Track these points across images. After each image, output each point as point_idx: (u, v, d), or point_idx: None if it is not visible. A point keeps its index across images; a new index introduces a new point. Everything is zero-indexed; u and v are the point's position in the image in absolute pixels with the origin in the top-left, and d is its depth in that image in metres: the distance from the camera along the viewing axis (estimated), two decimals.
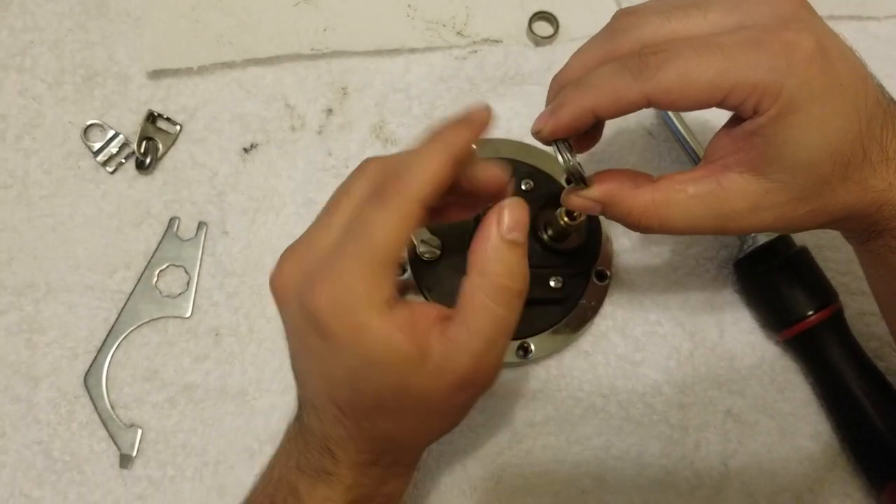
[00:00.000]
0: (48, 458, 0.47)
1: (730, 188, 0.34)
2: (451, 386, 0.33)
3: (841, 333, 0.47)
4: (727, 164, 0.34)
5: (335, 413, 0.35)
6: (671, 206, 0.35)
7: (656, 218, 0.35)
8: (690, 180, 0.35)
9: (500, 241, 0.33)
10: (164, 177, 0.52)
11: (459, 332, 0.32)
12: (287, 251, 0.35)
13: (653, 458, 0.47)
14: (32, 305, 0.50)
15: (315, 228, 0.35)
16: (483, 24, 0.55)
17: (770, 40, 0.31)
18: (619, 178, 0.37)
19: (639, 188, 0.36)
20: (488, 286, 0.32)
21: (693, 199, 0.35)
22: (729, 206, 0.35)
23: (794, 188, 0.34)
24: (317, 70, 0.54)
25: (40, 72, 0.54)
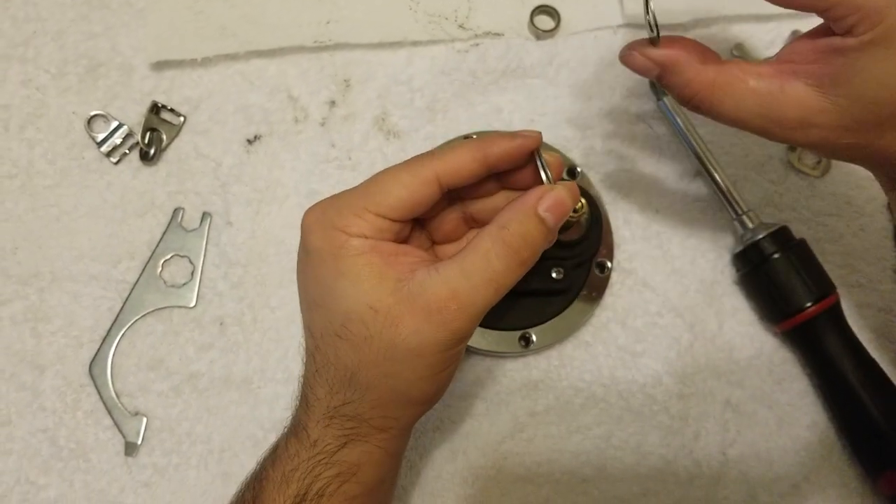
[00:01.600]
0: (54, 445, 0.48)
1: (789, 94, 0.34)
2: (417, 312, 0.33)
3: (838, 325, 0.48)
4: (796, 71, 0.34)
5: (311, 346, 0.36)
6: (727, 93, 0.35)
7: (709, 99, 0.35)
8: (755, 74, 0.35)
9: (532, 211, 0.34)
10: (168, 168, 0.53)
11: (449, 267, 0.34)
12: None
13: (653, 447, 0.48)
14: (37, 295, 0.50)
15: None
16: (485, 18, 0.56)
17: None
18: (688, 47, 0.36)
19: (704, 64, 0.36)
20: (498, 238, 0.34)
21: (751, 93, 0.35)
22: (781, 112, 0.35)
23: (848, 116, 0.34)
24: (320, 62, 0.55)
25: (43, 62, 0.54)
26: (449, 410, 0.49)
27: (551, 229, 0.35)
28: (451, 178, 0.36)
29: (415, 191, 0.35)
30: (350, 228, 0.35)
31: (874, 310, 0.51)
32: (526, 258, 0.34)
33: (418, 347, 0.34)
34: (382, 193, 0.35)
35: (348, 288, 0.34)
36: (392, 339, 0.34)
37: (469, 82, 0.55)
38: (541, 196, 0.35)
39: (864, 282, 0.51)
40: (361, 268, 0.34)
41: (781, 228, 0.49)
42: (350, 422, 0.36)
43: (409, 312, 0.33)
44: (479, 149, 0.36)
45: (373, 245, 0.35)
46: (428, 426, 0.48)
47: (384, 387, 0.35)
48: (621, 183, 0.53)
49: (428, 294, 0.33)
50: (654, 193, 0.53)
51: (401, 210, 0.35)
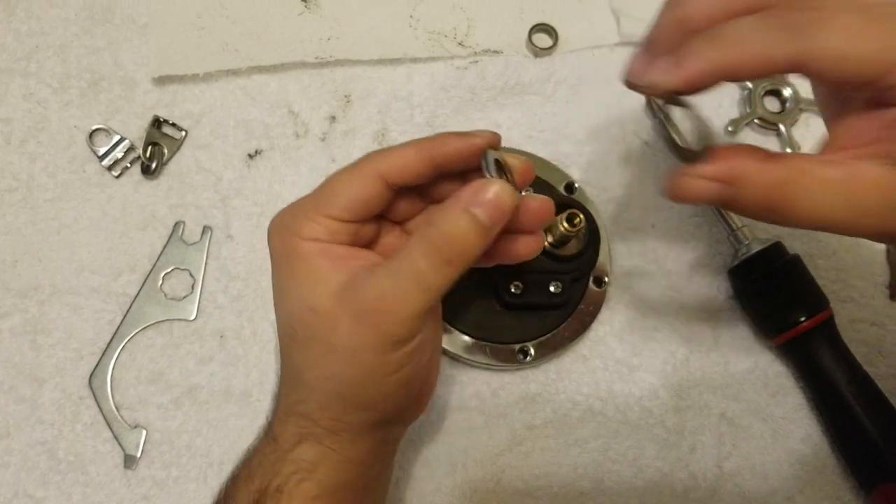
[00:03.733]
0: (52, 458, 0.48)
1: (870, 178, 0.29)
2: (351, 314, 0.33)
3: (832, 339, 0.49)
4: (864, 154, 0.30)
5: (276, 344, 0.38)
6: (801, 189, 0.30)
7: (783, 200, 0.30)
8: (824, 163, 0.30)
9: (461, 207, 0.32)
10: (169, 182, 0.53)
11: (381, 267, 0.33)
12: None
13: (649, 460, 0.49)
14: (37, 307, 0.50)
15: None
16: (484, 36, 0.57)
17: None
18: (742, 153, 0.31)
19: (767, 163, 0.30)
20: (424, 236, 0.32)
21: (826, 185, 0.30)
22: (865, 198, 0.30)
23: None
24: (321, 78, 0.55)
25: (46, 76, 0.55)
26: (447, 423, 0.49)
27: (486, 227, 0.32)
28: (396, 176, 0.35)
29: (360, 190, 0.35)
30: (303, 232, 0.35)
31: (867, 324, 0.51)
32: (453, 257, 0.32)
33: (354, 349, 0.33)
34: (332, 195, 0.36)
35: (294, 289, 0.35)
36: (330, 339, 0.34)
37: (468, 98, 0.55)
38: (474, 192, 0.32)
39: (857, 297, 0.52)
40: (307, 270, 0.35)
41: (775, 244, 0.50)
42: (303, 419, 0.36)
43: (345, 314, 0.33)
44: (426, 147, 0.35)
45: (323, 248, 0.35)
46: (426, 438, 0.48)
47: (327, 388, 0.35)
48: (618, 198, 0.53)
49: (360, 295, 0.33)
50: (650, 209, 0.53)
51: (349, 210, 0.35)
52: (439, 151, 0.35)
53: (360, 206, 0.36)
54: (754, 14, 0.29)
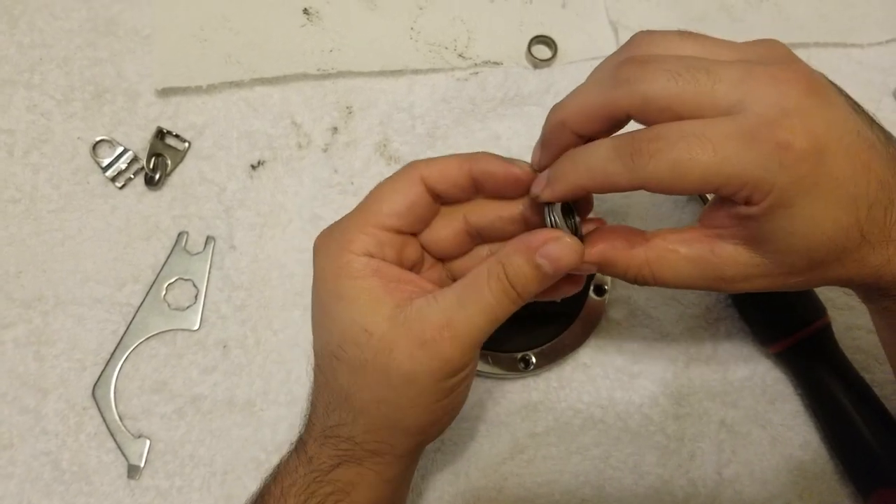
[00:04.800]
0: (56, 468, 0.48)
1: (722, 255, 0.34)
2: (412, 340, 0.33)
3: (829, 347, 0.49)
4: (721, 235, 0.34)
5: (315, 359, 0.37)
6: (664, 266, 0.35)
7: (650, 276, 0.35)
8: (683, 241, 0.35)
9: (531, 255, 0.34)
10: (172, 192, 0.53)
11: (446, 296, 0.34)
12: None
13: (650, 467, 0.49)
14: (41, 318, 0.51)
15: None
16: (484, 47, 0.57)
17: (764, 138, 0.30)
18: (613, 237, 0.36)
19: (633, 248, 0.35)
20: (494, 273, 0.34)
21: (685, 261, 0.35)
22: (720, 271, 0.34)
23: (785, 265, 0.33)
24: (323, 90, 0.56)
25: (49, 88, 0.55)
26: (450, 432, 0.49)
27: (548, 276, 0.34)
28: (435, 180, 0.36)
29: (405, 193, 0.36)
30: (353, 245, 0.35)
31: (864, 331, 0.52)
32: (518, 297, 0.34)
33: (411, 374, 0.34)
34: (377, 202, 0.36)
35: (345, 310, 0.35)
36: (386, 364, 0.34)
37: (468, 109, 0.56)
38: (543, 242, 0.34)
39: (855, 304, 0.52)
40: (360, 291, 0.35)
41: None
42: (344, 443, 0.36)
43: (403, 338, 0.34)
44: (467, 160, 0.37)
45: (376, 268, 0.35)
46: (430, 448, 0.49)
47: (377, 412, 0.35)
48: (617, 208, 0.54)
49: (424, 321, 0.34)
50: (649, 218, 0.54)
51: (396, 215, 0.36)
52: (479, 166, 0.36)
53: (405, 209, 0.36)
54: (607, 140, 0.33)
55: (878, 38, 0.59)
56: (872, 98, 0.57)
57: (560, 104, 0.36)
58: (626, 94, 0.32)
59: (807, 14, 0.59)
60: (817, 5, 0.59)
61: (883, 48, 0.59)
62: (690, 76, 0.31)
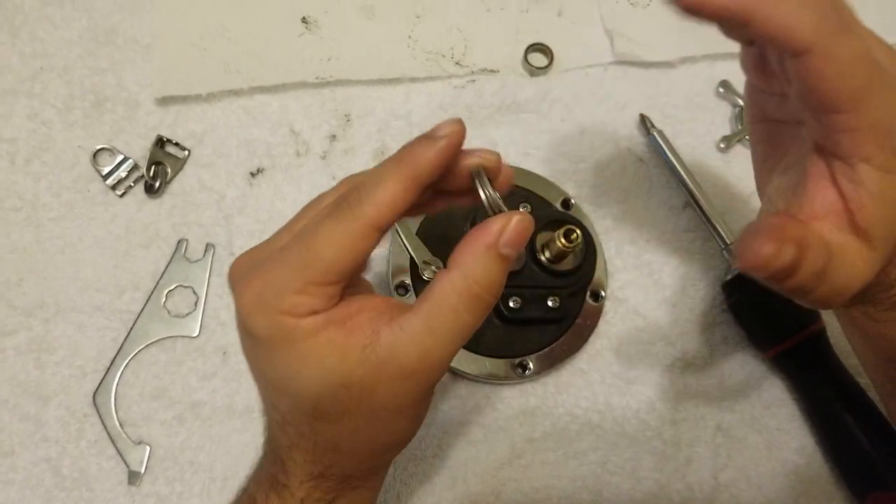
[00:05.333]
0: (57, 475, 0.48)
1: (850, 252, 0.32)
2: (392, 378, 0.32)
3: (824, 351, 0.50)
4: (836, 225, 0.33)
5: (278, 419, 0.35)
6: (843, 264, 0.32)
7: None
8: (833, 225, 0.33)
9: (493, 251, 0.32)
10: (172, 200, 0.54)
11: (414, 325, 0.32)
12: (250, 249, 0.35)
13: (647, 472, 0.49)
14: (42, 325, 0.51)
15: (279, 230, 0.35)
16: (480, 55, 0.58)
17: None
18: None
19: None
20: (464, 290, 0.32)
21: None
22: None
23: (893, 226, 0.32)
24: (321, 98, 0.56)
25: (50, 97, 0.56)
26: (448, 437, 0.50)
27: (511, 261, 0.32)
28: (388, 218, 0.32)
29: (352, 248, 0.31)
30: (297, 310, 0.31)
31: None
32: (493, 299, 0.33)
33: (398, 408, 0.33)
34: (319, 262, 0.31)
35: (311, 371, 0.32)
36: (371, 406, 0.32)
37: (465, 117, 0.56)
38: (501, 230, 0.31)
39: None
40: (322, 348, 0.32)
41: None
42: (338, 480, 0.35)
43: (383, 379, 0.32)
44: (406, 175, 0.31)
45: (326, 319, 0.32)
46: (427, 453, 0.49)
47: (369, 448, 0.35)
48: (614, 214, 0.55)
49: (399, 358, 0.32)
50: (645, 224, 0.54)
51: (343, 273, 0.32)
52: (419, 172, 0.32)
53: (353, 264, 0.32)
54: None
55: None
56: None
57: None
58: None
59: None
60: None
61: None
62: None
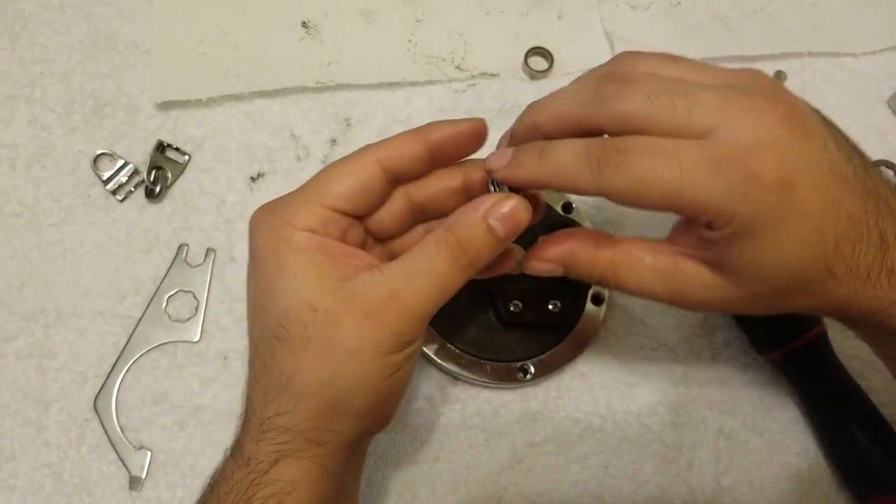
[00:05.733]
0: (58, 480, 0.48)
1: (686, 272, 0.34)
2: (357, 314, 0.33)
3: (825, 355, 0.49)
4: (686, 253, 0.34)
5: (251, 349, 0.36)
6: (629, 271, 0.35)
7: (613, 277, 0.36)
8: (650, 251, 0.35)
9: (480, 218, 0.33)
10: (172, 205, 0.54)
11: (391, 268, 0.33)
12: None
13: (649, 476, 0.49)
14: (42, 331, 0.51)
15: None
16: (481, 59, 0.58)
17: (732, 165, 0.30)
18: (580, 237, 0.37)
19: (599, 249, 0.36)
20: (443, 241, 0.33)
21: (649, 270, 0.35)
22: (682, 287, 0.35)
23: (749, 292, 0.34)
24: (321, 102, 0.56)
25: (50, 102, 0.56)
26: (449, 441, 0.50)
27: (501, 239, 0.34)
28: (393, 160, 0.36)
29: (358, 177, 0.35)
30: (296, 221, 0.34)
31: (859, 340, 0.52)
32: (469, 264, 0.33)
33: (357, 349, 0.33)
34: (327, 183, 0.35)
35: (288, 285, 0.34)
36: (330, 339, 0.33)
37: None
38: (493, 203, 0.34)
39: None
40: (303, 264, 0.34)
41: None
42: (283, 435, 0.34)
43: (348, 312, 0.33)
44: (420, 132, 0.36)
45: (319, 242, 0.34)
46: (429, 456, 0.49)
47: (320, 394, 0.34)
48: (614, 217, 0.54)
49: (369, 294, 0.33)
50: (645, 228, 0.54)
51: (347, 197, 0.35)
52: (432, 135, 0.36)
53: (357, 193, 0.35)
54: (579, 142, 0.33)
55: (872, 48, 0.60)
56: (866, 107, 0.58)
57: (537, 105, 0.36)
58: (603, 112, 0.33)
59: (800, 24, 0.60)
60: (810, 15, 0.60)
61: (876, 57, 0.60)
62: (668, 99, 0.32)
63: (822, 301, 0.34)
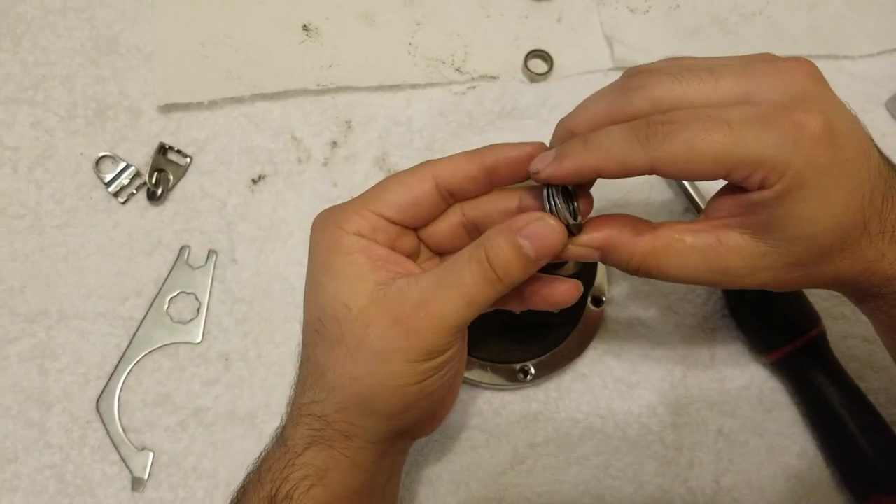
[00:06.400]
0: (60, 481, 0.48)
1: (728, 245, 0.34)
2: (387, 317, 0.33)
3: (824, 356, 0.50)
4: (728, 224, 0.34)
5: (301, 348, 0.38)
6: (670, 255, 0.35)
7: (655, 265, 0.35)
8: (690, 231, 0.35)
9: (512, 236, 0.33)
10: (174, 207, 0.54)
11: (426, 276, 0.34)
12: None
13: (649, 476, 0.49)
14: (45, 332, 0.51)
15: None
16: (481, 62, 0.58)
17: (778, 119, 0.31)
18: (619, 224, 0.36)
19: (639, 235, 0.35)
20: (474, 255, 0.34)
21: (692, 251, 0.35)
22: (726, 263, 0.34)
23: (792, 255, 0.34)
24: (322, 105, 0.57)
25: (52, 105, 0.56)
26: (450, 442, 0.50)
27: (531, 259, 0.33)
28: (448, 177, 0.37)
29: (411, 189, 0.36)
30: (347, 224, 0.36)
31: (859, 340, 0.52)
32: (498, 280, 0.34)
33: (383, 352, 0.34)
34: (382, 192, 0.37)
35: (329, 283, 0.35)
36: (361, 339, 0.34)
37: (466, 123, 0.57)
38: (527, 223, 0.33)
39: (848, 313, 0.53)
40: (345, 265, 0.35)
41: None
42: (316, 422, 0.36)
43: (380, 316, 0.34)
44: (478, 153, 0.37)
45: (365, 246, 0.35)
46: (430, 458, 0.49)
47: (348, 390, 0.35)
48: None
49: (401, 300, 0.34)
50: None
51: (398, 207, 0.36)
52: (490, 155, 0.37)
53: (409, 204, 0.36)
54: (621, 125, 0.33)
55: (870, 50, 0.60)
56: (864, 109, 0.58)
57: (567, 117, 0.36)
58: (633, 101, 0.33)
59: (799, 26, 0.60)
60: (809, 18, 0.60)
61: (874, 60, 0.60)
62: (694, 76, 0.33)
63: (852, 266, 0.34)
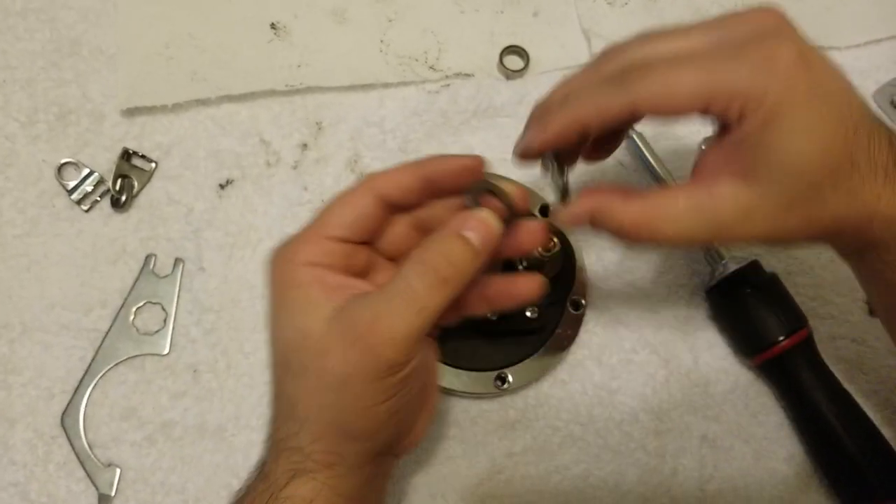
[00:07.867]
0: (25, 500, 0.47)
1: (721, 196, 0.34)
2: (343, 340, 0.33)
3: (811, 358, 0.48)
4: (717, 175, 0.34)
5: (273, 384, 0.37)
6: (663, 218, 0.35)
7: (647, 230, 0.35)
8: (681, 191, 0.35)
9: (453, 231, 0.34)
10: (139, 214, 0.52)
11: (373, 293, 0.34)
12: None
13: (631, 485, 0.48)
14: (7, 346, 0.50)
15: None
16: (455, 59, 0.56)
17: (751, 51, 0.32)
18: (608, 190, 0.37)
19: (628, 200, 0.35)
20: (418, 259, 0.34)
21: (683, 209, 0.35)
22: (721, 215, 0.34)
23: (784, 194, 0.33)
24: (291, 105, 0.55)
25: (13, 110, 0.54)
26: (426, 453, 0.48)
27: (478, 250, 0.34)
28: (388, 190, 0.37)
29: (354, 207, 0.37)
30: (298, 256, 0.36)
31: (846, 341, 0.51)
32: (448, 277, 0.33)
33: (345, 375, 0.33)
34: (327, 215, 0.37)
35: (286, 318, 0.35)
36: (322, 367, 0.34)
37: (440, 123, 0.55)
38: (464, 217, 0.34)
39: (836, 313, 0.51)
40: (299, 298, 0.35)
41: (752, 262, 0.49)
42: (294, 454, 0.35)
43: (337, 341, 0.33)
44: (418, 165, 0.37)
45: (318, 275, 0.35)
46: (406, 470, 0.48)
47: (320, 418, 0.35)
48: None
49: (354, 319, 0.33)
50: None
51: (344, 226, 0.36)
52: (429, 167, 0.37)
53: (354, 221, 0.36)
54: (597, 75, 0.35)
55: (856, 41, 0.58)
56: None
57: (543, 96, 0.37)
58: (607, 67, 0.35)
59: None
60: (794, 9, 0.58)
61: (861, 50, 0.59)
62: (663, 35, 0.35)
63: (850, 206, 0.34)
